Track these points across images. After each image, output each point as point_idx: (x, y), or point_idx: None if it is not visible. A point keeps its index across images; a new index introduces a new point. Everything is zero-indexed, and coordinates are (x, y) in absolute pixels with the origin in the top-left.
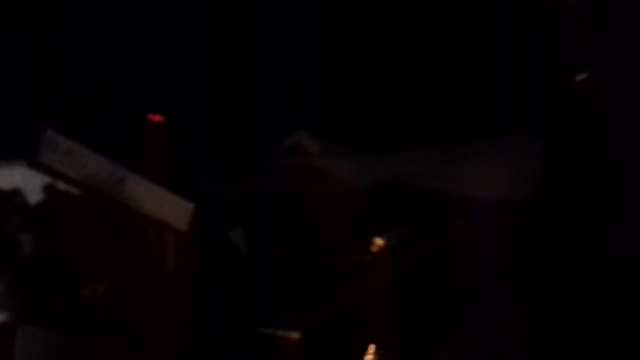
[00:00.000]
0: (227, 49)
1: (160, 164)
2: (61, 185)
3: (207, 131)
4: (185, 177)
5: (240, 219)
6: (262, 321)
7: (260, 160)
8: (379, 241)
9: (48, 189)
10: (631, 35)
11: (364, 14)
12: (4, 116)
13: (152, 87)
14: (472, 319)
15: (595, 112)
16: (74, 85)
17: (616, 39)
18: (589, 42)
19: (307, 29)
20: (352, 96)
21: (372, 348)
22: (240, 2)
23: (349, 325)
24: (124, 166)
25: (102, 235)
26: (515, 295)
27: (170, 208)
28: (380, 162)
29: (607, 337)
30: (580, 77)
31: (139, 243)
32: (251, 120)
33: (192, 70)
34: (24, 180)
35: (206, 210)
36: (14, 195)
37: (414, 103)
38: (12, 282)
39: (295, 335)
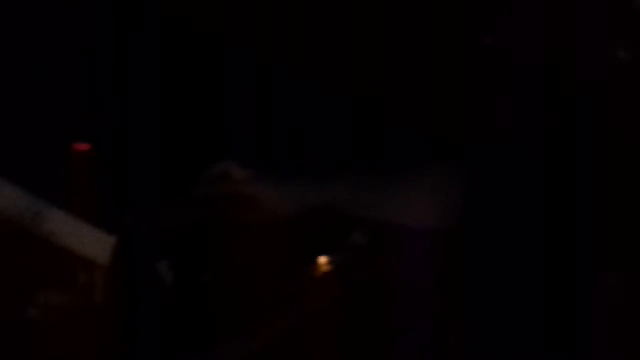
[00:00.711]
0: (153, 79)
1: (85, 194)
2: None
3: (132, 161)
4: (109, 208)
5: (167, 250)
6: (193, 352)
7: (187, 189)
8: (323, 261)
9: None
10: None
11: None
12: None
13: (76, 115)
14: (405, 342)
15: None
16: None
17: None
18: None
19: (242, 56)
20: (281, 123)
21: None
22: (164, 38)
23: (285, 352)
24: (48, 196)
25: (25, 268)
26: (446, 318)
27: (92, 242)
28: (308, 189)
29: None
30: None
31: (65, 276)
32: (177, 149)
33: (117, 99)
34: None
35: (131, 242)
36: None
37: (342, 130)
38: None
39: None
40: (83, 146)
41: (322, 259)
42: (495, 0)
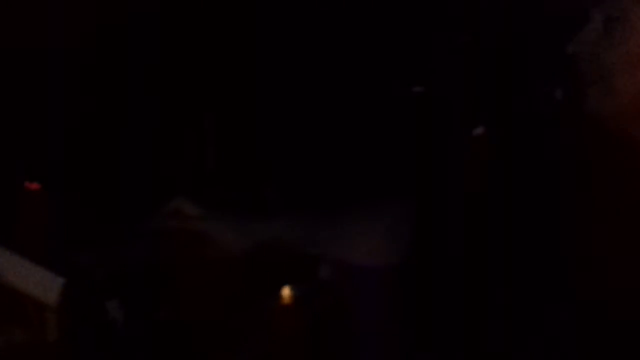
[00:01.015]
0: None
1: (36, 233)
2: None
3: (82, 200)
4: (59, 247)
5: (117, 289)
6: None
7: (138, 226)
8: (286, 292)
9: None
10: None
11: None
12: None
13: (27, 155)
14: None
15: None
16: None
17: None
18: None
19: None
20: (236, 162)
21: None
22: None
23: None
24: None
25: None
26: (396, 346)
27: (40, 282)
28: (260, 227)
29: None
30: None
31: (18, 316)
32: (127, 188)
33: (68, 138)
34: None
35: (81, 281)
36: None
37: (294, 170)
38: None
39: None
40: (34, 186)
41: (286, 291)
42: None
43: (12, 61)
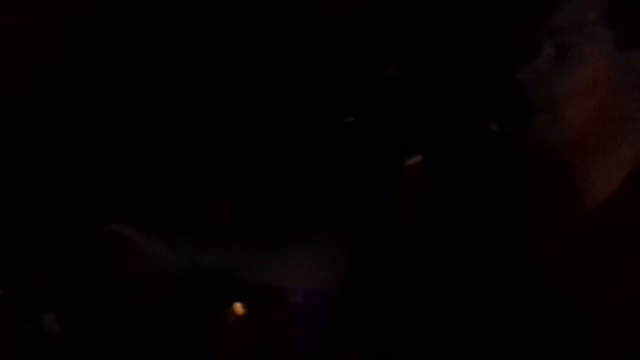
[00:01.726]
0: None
1: None
2: None
3: (20, 212)
4: None
5: (55, 302)
6: None
7: (77, 241)
8: (238, 307)
9: None
10: None
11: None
12: None
13: None
14: None
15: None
16: None
17: None
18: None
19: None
20: (174, 186)
21: None
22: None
23: None
24: None
25: None
26: None
27: None
28: (197, 250)
29: None
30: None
31: None
32: (66, 202)
33: (7, 147)
34: None
35: (18, 294)
36: None
37: (231, 196)
38: None
39: None
40: None
41: (237, 305)
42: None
43: None
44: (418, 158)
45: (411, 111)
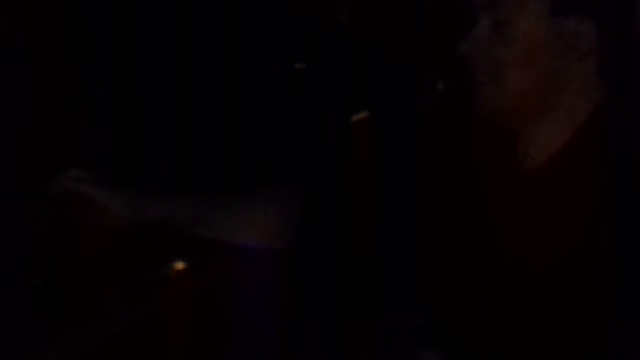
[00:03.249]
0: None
1: None
2: None
3: None
4: None
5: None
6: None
7: (28, 189)
8: (179, 264)
9: None
10: None
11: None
12: None
13: None
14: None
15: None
16: None
17: None
18: None
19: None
20: (128, 138)
21: None
22: None
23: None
24: None
25: None
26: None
27: None
28: (150, 203)
29: None
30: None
31: None
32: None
33: None
34: None
35: None
36: None
37: (184, 149)
38: None
39: None
40: None
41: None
42: None
43: None
44: (365, 113)
45: (359, 66)
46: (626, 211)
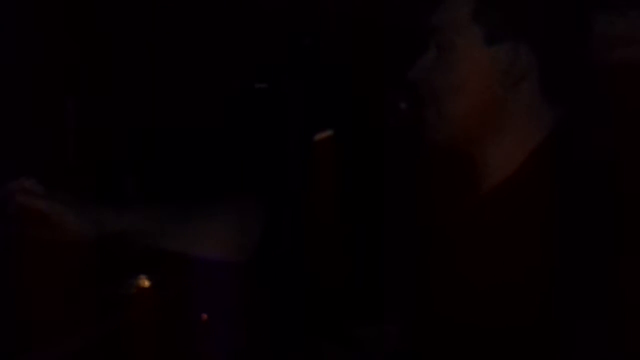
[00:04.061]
0: None
1: None
2: None
3: None
4: None
5: None
6: None
7: None
8: (143, 279)
9: None
10: None
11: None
12: None
13: None
14: None
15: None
16: None
17: None
18: None
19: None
20: (95, 149)
21: None
22: None
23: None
24: None
25: None
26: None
27: None
28: (109, 216)
29: None
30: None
31: None
32: None
33: None
34: None
35: None
36: None
37: (145, 161)
38: None
39: None
40: None
41: (142, 277)
42: None
43: None
44: (329, 132)
45: (323, 85)
46: (578, 231)
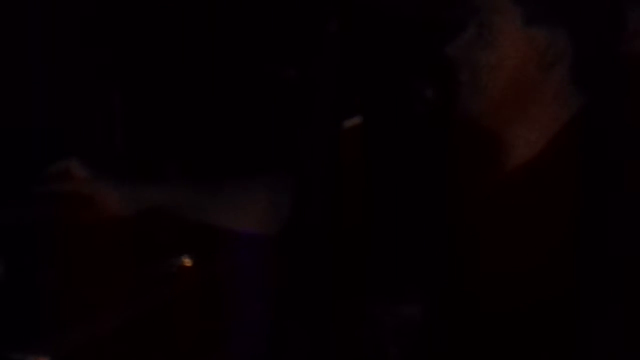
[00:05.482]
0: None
1: None
2: None
3: None
4: None
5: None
6: (11, 346)
7: (26, 186)
8: (186, 260)
9: None
10: None
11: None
12: None
13: None
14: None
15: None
16: None
17: None
18: None
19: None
20: (127, 124)
21: None
22: None
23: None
24: None
25: None
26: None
27: None
28: (147, 191)
29: None
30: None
31: None
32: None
33: None
34: None
35: None
36: None
37: (184, 135)
38: None
39: None
40: None
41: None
42: None
43: None
44: (357, 119)
45: (351, 72)
46: (602, 214)
